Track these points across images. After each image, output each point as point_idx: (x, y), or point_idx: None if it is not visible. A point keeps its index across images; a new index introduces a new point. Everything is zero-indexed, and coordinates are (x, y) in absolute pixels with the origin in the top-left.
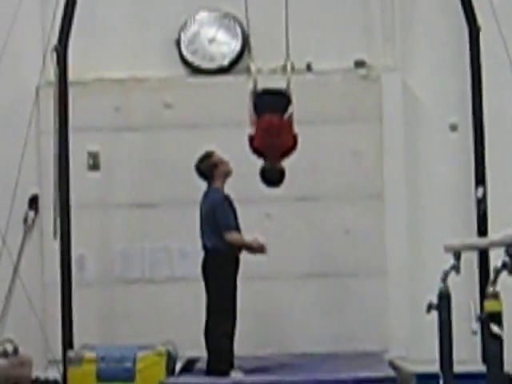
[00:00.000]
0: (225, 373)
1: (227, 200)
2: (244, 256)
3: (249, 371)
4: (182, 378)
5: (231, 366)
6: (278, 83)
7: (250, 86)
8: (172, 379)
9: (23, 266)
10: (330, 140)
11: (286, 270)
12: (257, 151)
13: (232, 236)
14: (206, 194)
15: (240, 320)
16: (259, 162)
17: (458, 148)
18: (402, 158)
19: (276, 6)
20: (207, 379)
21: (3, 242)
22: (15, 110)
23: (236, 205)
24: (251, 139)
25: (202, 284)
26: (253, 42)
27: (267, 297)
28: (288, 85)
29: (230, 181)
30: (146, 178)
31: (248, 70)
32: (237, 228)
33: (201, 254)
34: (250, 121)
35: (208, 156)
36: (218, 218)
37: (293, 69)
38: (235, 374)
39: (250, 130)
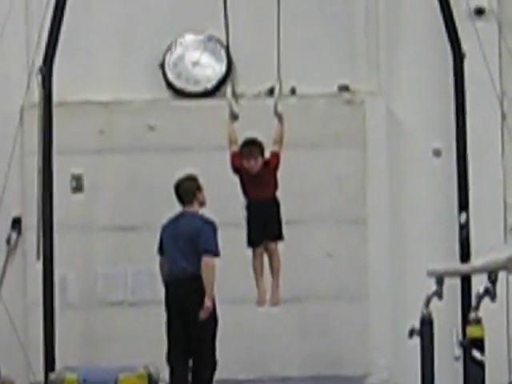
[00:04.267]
0: None
1: (212, 225)
2: (226, 279)
3: None
4: None
5: None
6: (261, 107)
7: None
8: None
9: (5, 287)
10: (313, 164)
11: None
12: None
13: (213, 261)
14: (181, 217)
15: (221, 343)
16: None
17: (441, 173)
18: (386, 183)
19: (260, 30)
20: None
21: None
22: None
23: (218, 228)
24: (233, 156)
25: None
26: (237, 65)
27: (248, 320)
28: (276, 107)
29: (212, 204)
30: (130, 200)
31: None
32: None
33: None
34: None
35: (193, 178)
36: (202, 241)
37: (280, 93)
38: None
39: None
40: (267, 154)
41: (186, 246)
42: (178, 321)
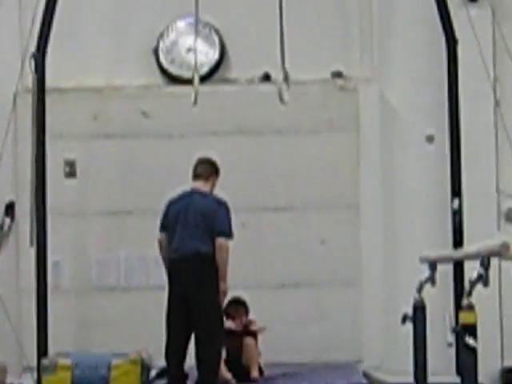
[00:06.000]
0: None
1: (227, 206)
2: None
3: None
4: None
5: None
6: (254, 92)
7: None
8: None
9: None
10: (306, 150)
11: (260, 280)
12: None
13: (227, 244)
14: (193, 195)
15: None
16: (235, 172)
17: (434, 159)
18: (379, 169)
19: (253, 15)
20: None
21: None
22: None
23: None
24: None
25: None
26: (230, 51)
27: None
28: (281, 94)
29: None
30: (123, 186)
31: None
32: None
33: None
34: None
35: (214, 162)
36: (218, 222)
37: (287, 78)
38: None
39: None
40: None
41: (198, 225)
42: (180, 301)
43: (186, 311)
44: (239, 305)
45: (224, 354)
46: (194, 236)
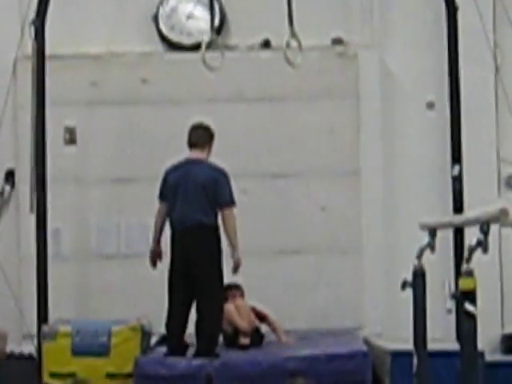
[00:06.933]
0: (216, 354)
1: (226, 174)
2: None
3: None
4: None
5: None
6: (255, 60)
7: None
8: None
9: None
10: (306, 117)
11: (260, 246)
12: None
13: (233, 213)
14: (190, 164)
15: None
16: (235, 139)
17: (434, 126)
18: (379, 136)
19: None
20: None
21: None
22: None
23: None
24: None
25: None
26: (230, 18)
27: (241, 273)
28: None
29: None
30: (123, 152)
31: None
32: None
33: None
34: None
35: (209, 127)
36: (221, 193)
37: (300, 45)
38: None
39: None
40: None
41: (199, 196)
42: (182, 272)
43: (188, 282)
44: (236, 289)
45: None
46: (196, 207)
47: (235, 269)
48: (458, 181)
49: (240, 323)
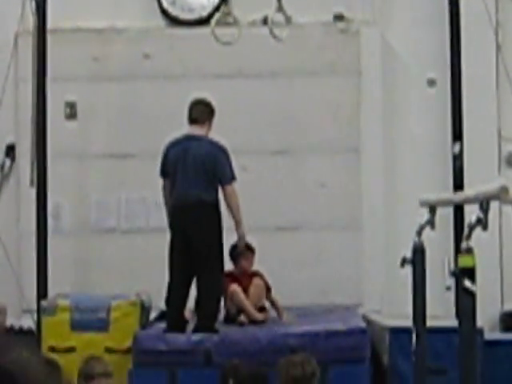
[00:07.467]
0: (215, 330)
1: (225, 150)
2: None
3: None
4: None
5: None
6: (256, 35)
7: None
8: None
9: None
10: (307, 93)
11: (261, 223)
12: None
13: (234, 189)
14: (190, 140)
15: None
16: (236, 116)
17: (435, 103)
18: (380, 113)
19: None
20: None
21: None
22: None
23: None
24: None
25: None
26: None
27: None
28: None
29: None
30: (124, 128)
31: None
32: None
33: None
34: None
35: (209, 102)
36: (221, 170)
37: (288, 19)
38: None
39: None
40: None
41: (199, 173)
42: (182, 248)
43: (188, 258)
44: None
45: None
46: (196, 184)
47: (239, 244)
48: (458, 158)
49: (248, 308)
